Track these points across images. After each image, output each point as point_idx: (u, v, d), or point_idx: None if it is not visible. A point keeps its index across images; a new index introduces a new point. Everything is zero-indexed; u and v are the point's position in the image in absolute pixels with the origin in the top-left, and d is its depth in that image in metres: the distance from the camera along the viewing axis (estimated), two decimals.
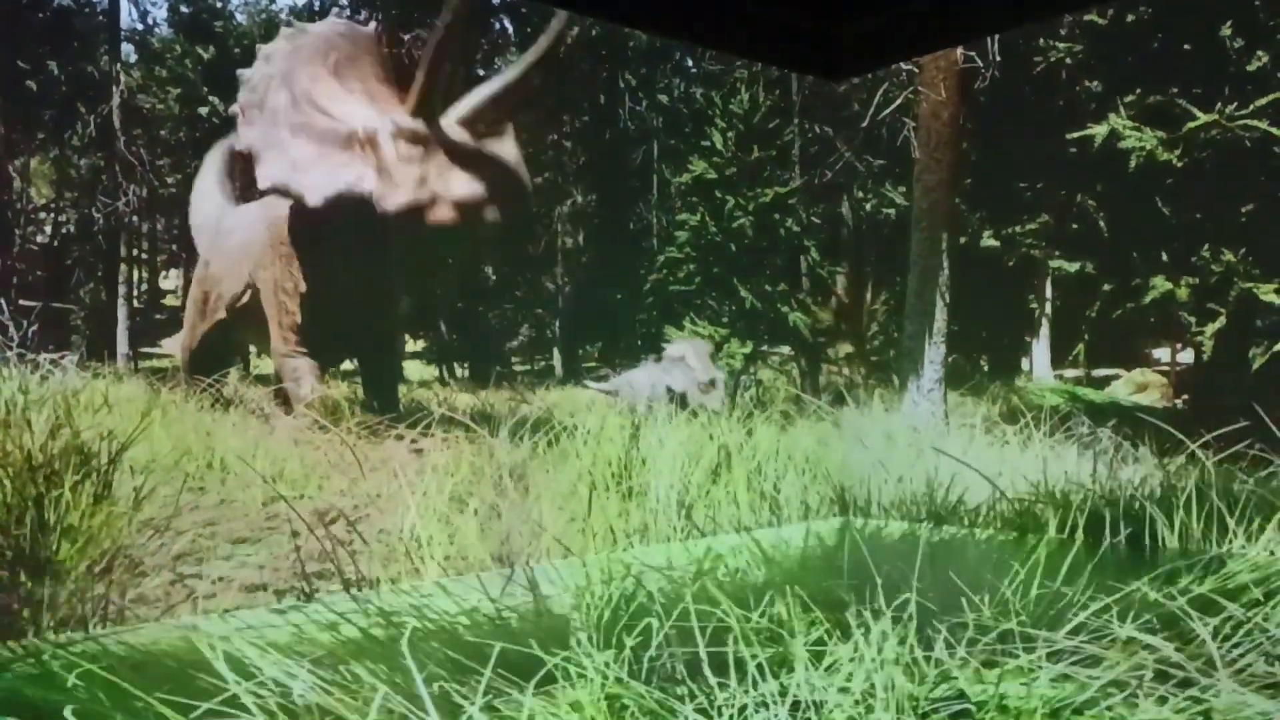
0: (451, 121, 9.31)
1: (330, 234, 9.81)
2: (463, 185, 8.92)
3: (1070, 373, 12.80)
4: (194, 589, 5.41)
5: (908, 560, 7.73)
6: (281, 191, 9.72)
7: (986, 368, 12.37)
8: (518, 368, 20.48)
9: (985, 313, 13.13)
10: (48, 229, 27.47)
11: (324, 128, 9.66)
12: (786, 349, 15.66)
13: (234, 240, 11.21)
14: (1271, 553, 8.27)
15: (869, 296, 15.46)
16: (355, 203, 9.26)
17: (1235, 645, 5.36)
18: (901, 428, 12.00)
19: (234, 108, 10.46)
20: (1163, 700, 4.52)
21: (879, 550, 8.38)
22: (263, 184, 9.86)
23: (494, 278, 20.96)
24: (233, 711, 3.89)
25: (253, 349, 11.91)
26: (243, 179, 12.86)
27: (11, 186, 21.79)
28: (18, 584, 5.07)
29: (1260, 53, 11.06)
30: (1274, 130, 10.60)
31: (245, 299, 10.70)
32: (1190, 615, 5.98)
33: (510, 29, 24.43)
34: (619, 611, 5.68)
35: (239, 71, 10.72)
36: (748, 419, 10.94)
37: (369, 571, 6.08)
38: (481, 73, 24.69)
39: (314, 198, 9.43)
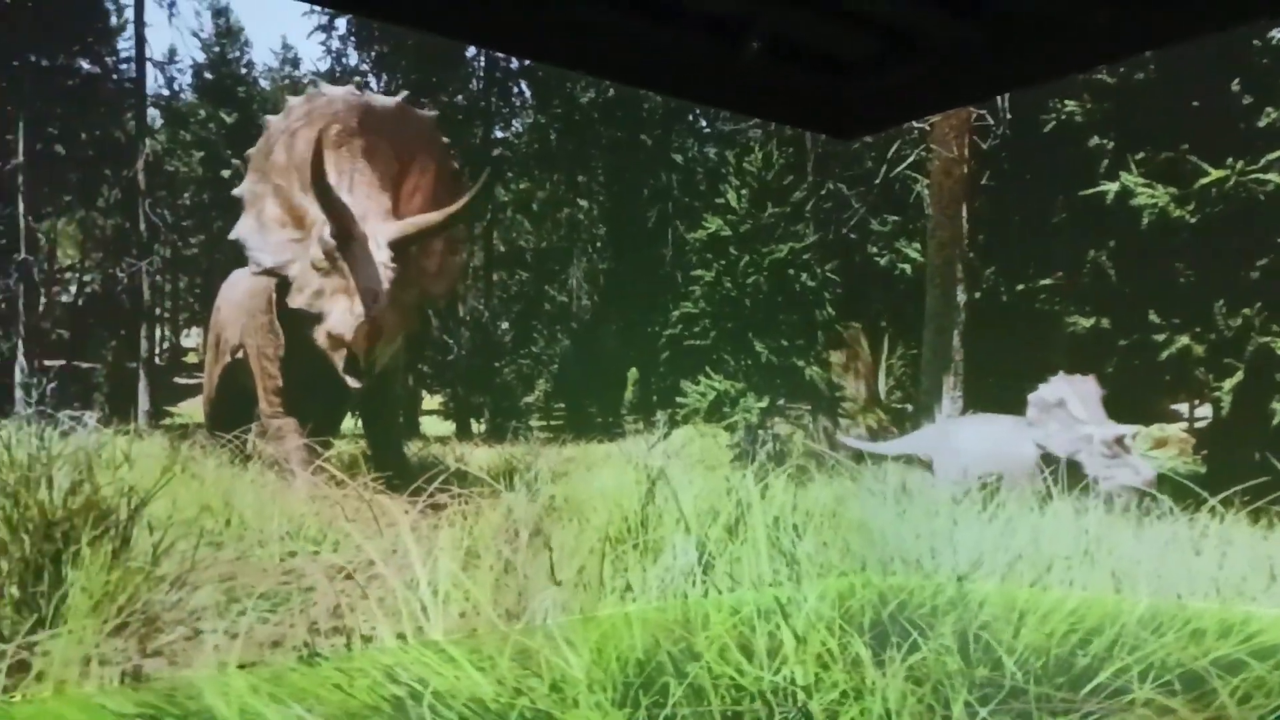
0: (382, 241, 9.32)
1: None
2: (337, 318, 8.99)
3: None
4: (210, 644, 5.43)
5: (926, 619, 7.68)
6: (242, 247, 9.83)
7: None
8: (534, 423, 20.53)
9: (1001, 368, 13.13)
10: (72, 289, 27.91)
11: (295, 200, 9.74)
12: (804, 404, 15.67)
13: (234, 293, 11.40)
14: None
15: (885, 351, 15.49)
16: (284, 281, 9.50)
17: (1254, 707, 5.30)
18: (920, 481, 11.94)
19: (248, 151, 10.44)
20: None
21: (897, 607, 8.31)
22: (232, 234, 9.94)
23: (511, 334, 21.11)
24: None
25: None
26: None
27: (38, 248, 22.21)
28: (33, 639, 5.11)
29: (1269, 109, 11.13)
30: None
31: (241, 352, 10.84)
32: (1212, 675, 5.91)
33: (528, 94, 24.91)
34: (634, 670, 5.66)
35: (266, 117, 10.80)
36: (764, 474, 10.92)
37: (385, 628, 6.09)
38: (500, 135, 25.18)
39: (255, 263, 9.63)
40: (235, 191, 10.28)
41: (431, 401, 23.17)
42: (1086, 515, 9.80)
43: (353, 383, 9.25)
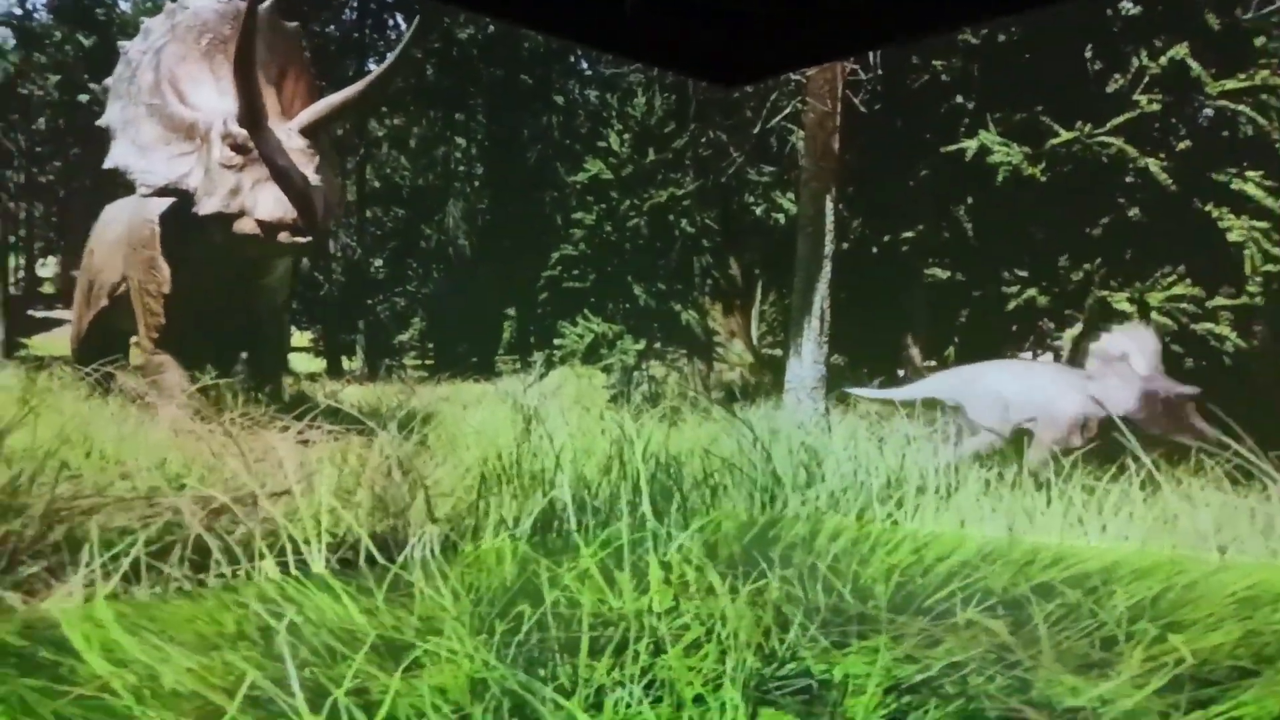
0: (293, 128, 9.02)
1: (184, 230, 9.54)
2: (269, 204, 8.57)
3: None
4: (71, 578, 5.42)
5: (783, 551, 8.13)
6: (122, 174, 9.45)
7: (866, 369, 12.95)
8: (409, 362, 20.38)
9: (866, 316, 13.71)
10: None
11: (174, 113, 9.31)
12: (680, 348, 16.03)
13: (111, 233, 10.97)
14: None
15: (758, 298, 15.94)
16: (184, 196, 9.13)
17: (1063, 628, 5.86)
18: (787, 424, 12.43)
19: (106, 81, 10.01)
20: (990, 679, 4.95)
21: (755, 540, 8.76)
22: (107, 164, 9.49)
23: (385, 271, 20.83)
24: (100, 695, 3.97)
25: (134, 338, 11.59)
26: None
27: None
28: None
29: (1117, 75, 11.82)
30: (1128, 148, 11.34)
31: (122, 289, 10.48)
32: (1030, 601, 6.50)
33: (403, 26, 24.30)
34: (497, 600, 5.89)
35: (120, 43, 10.34)
36: (639, 415, 11.22)
37: (253, 561, 6.14)
38: (374, 68, 24.55)
39: (144, 184, 9.22)
40: (100, 122, 9.81)
41: (301, 338, 22.74)
42: (941, 455, 10.44)
43: (303, 241, 8.90)
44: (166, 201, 9.68)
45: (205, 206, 8.85)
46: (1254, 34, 11.66)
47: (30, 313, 27.19)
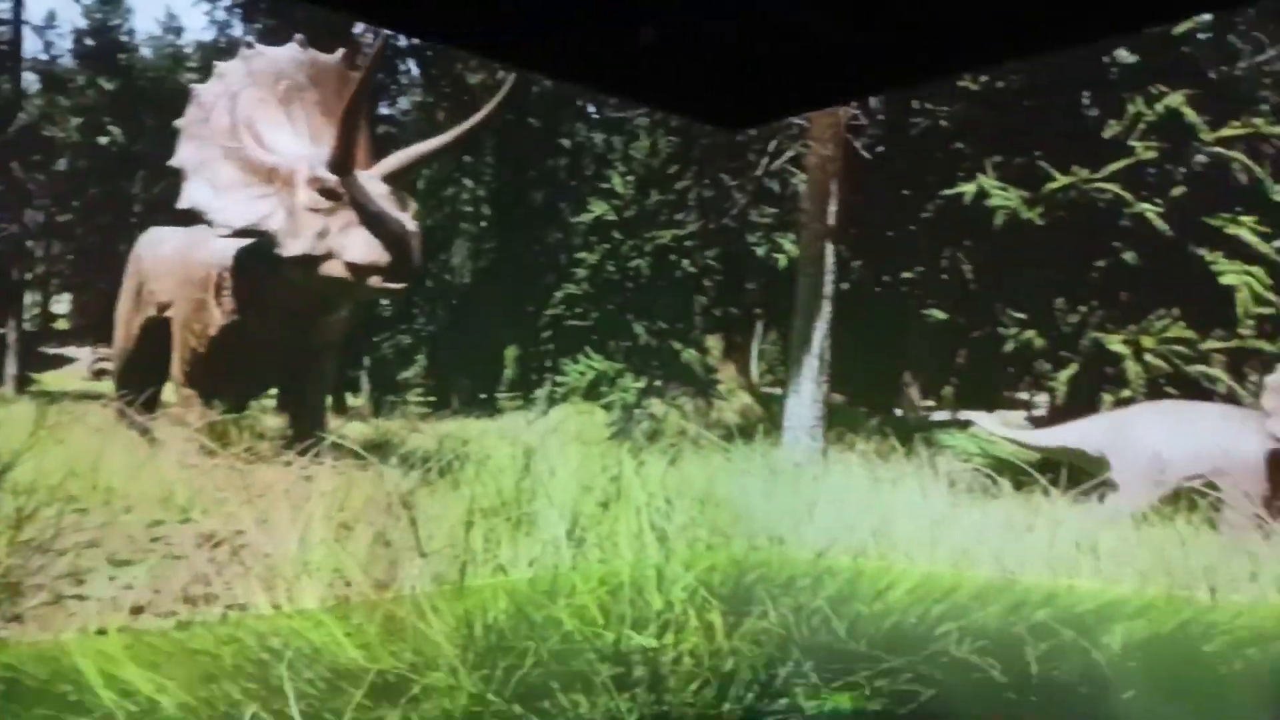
0: (375, 174, 9.22)
1: (255, 269, 9.65)
2: (360, 248, 8.71)
3: (939, 415, 13.55)
4: (74, 609, 5.50)
5: (781, 589, 8.18)
6: (199, 214, 9.59)
7: (865, 408, 13.03)
8: (412, 398, 20.49)
9: (865, 355, 13.81)
10: None
11: (253, 156, 9.51)
12: (680, 386, 16.13)
13: (164, 249, 10.97)
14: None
15: (758, 337, 16.05)
16: (263, 237, 9.25)
17: (1053, 665, 5.92)
18: (784, 462, 12.49)
19: (178, 122, 10.10)
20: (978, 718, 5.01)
21: (756, 579, 8.81)
22: (182, 203, 9.65)
23: (391, 308, 20.99)
24: None
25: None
26: None
27: None
28: None
29: (1114, 122, 12.00)
30: (1124, 194, 11.51)
31: (168, 312, 10.49)
32: (1026, 639, 6.55)
33: (415, 71, 24.69)
34: (495, 636, 5.96)
35: (192, 86, 10.54)
36: (638, 452, 11.29)
37: (252, 595, 6.22)
38: (386, 111, 24.92)
39: (222, 224, 9.36)
40: (172, 162, 9.97)
41: None
42: (932, 496, 10.50)
43: (397, 287, 9.01)
44: (227, 244, 9.79)
45: (290, 248, 8.94)
46: (1247, 83, 11.87)
47: (43, 349, 27.44)
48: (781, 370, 14.64)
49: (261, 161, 9.46)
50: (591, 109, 24.07)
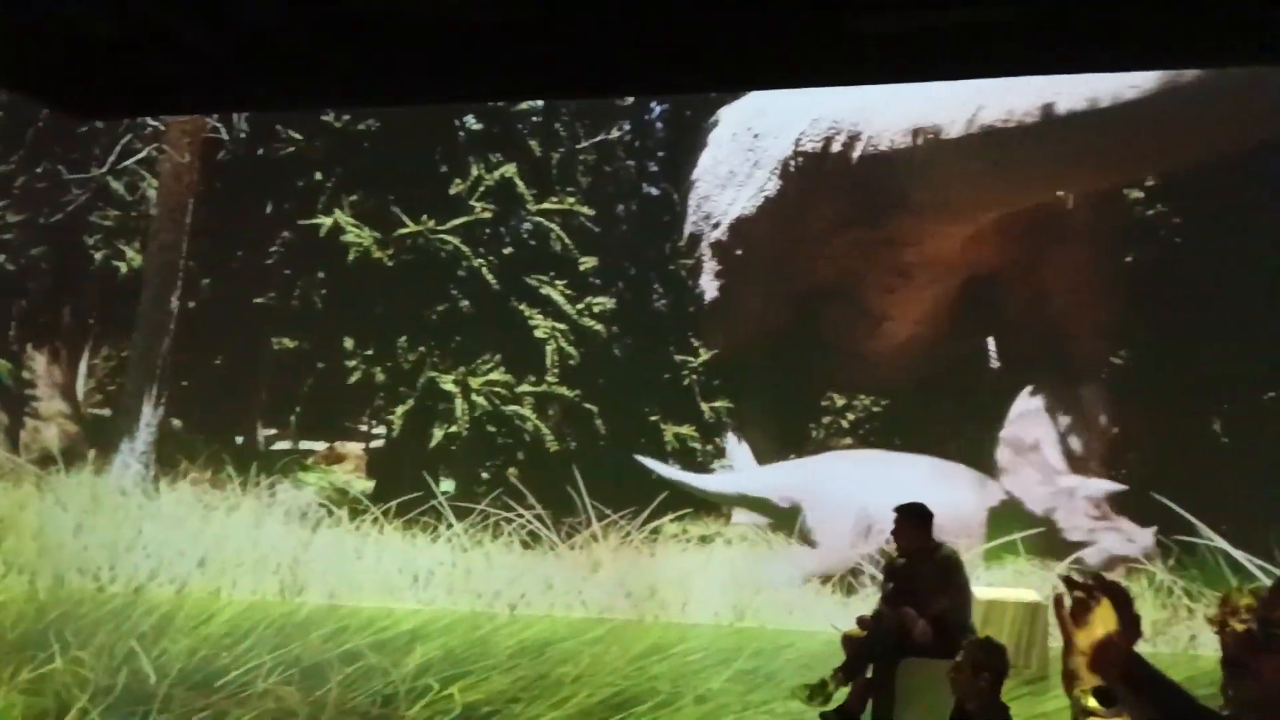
0: None
1: None
2: None
3: (282, 444, 13.66)
4: None
5: (85, 629, 7.60)
6: None
7: (203, 434, 12.55)
8: None
9: (208, 378, 13.38)
10: None
11: None
12: None
13: None
14: None
15: (89, 351, 14.54)
16: None
17: (357, 690, 6.37)
18: (109, 491, 11.65)
19: None
20: None
21: (58, 619, 8.04)
22: None
23: None
24: None
25: None
26: None
27: None
28: None
29: (459, 180, 13.27)
30: (464, 247, 12.79)
31: None
32: (335, 666, 6.92)
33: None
34: None
35: None
36: None
37: None
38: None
39: None
40: None
41: None
42: (266, 524, 10.57)
43: None
44: None
45: None
46: (565, 166, 13.96)
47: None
48: (114, 389, 13.57)
49: None
50: None
